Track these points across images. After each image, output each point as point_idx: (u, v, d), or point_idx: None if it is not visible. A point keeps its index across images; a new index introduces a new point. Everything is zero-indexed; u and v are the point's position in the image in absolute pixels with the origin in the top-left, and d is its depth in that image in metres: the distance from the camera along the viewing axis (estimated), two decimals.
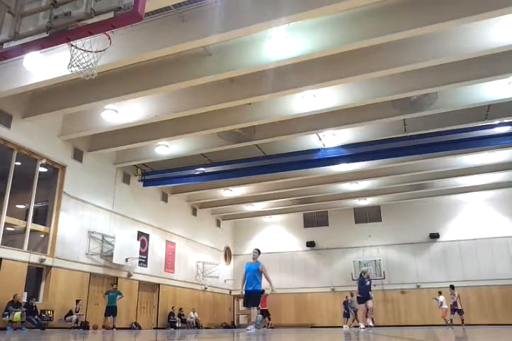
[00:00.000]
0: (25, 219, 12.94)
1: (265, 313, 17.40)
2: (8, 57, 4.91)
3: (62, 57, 8.22)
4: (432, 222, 21.87)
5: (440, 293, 17.41)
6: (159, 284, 18.13)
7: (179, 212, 20.61)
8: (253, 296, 8.91)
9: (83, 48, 6.01)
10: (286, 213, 23.96)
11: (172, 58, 10.23)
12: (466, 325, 16.75)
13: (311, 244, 23.68)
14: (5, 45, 4.61)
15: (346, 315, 17.86)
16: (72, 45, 5.96)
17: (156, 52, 9.43)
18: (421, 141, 14.22)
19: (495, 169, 17.68)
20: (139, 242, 16.93)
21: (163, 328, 17.36)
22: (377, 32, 8.77)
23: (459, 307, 16.60)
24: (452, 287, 17.05)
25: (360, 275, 13.28)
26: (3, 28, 4.57)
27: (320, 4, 8.00)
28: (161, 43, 9.19)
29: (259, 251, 9.43)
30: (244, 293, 9.04)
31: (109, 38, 5.92)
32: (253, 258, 9.31)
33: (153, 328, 17.25)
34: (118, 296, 14.45)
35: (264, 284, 9.19)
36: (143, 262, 17.27)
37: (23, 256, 12.22)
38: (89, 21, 4.27)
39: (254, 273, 9.02)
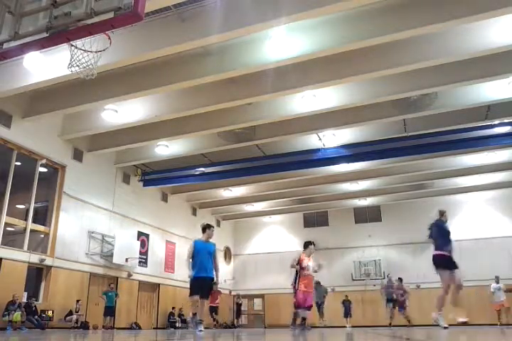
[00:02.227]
0: (25, 219, 12.94)
1: (215, 310, 17.11)
2: (8, 57, 4.92)
3: (62, 57, 8.21)
4: (432, 222, 21.81)
5: (497, 277, 16.22)
6: (159, 284, 18.12)
7: (179, 212, 20.61)
8: (206, 285, 7.23)
9: (83, 48, 6.00)
10: (286, 213, 23.95)
11: (172, 58, 10.23)
12: (413, 325, 14.96)
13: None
14: (5, 45, 4.61)
15: (347, 315, 17.80)
16: (72, 45, 5.95)
17: (156, 52, 9.43)
18: (421, 141, 14.23)
19: (495, 169, 17.67)
20: (139, 242, 16.92)
21: (163, 328, 17.35)
22: (377, 32, 8.77)
23: (406, 304, 14.74)
24: (401, 279, 15.37)
25: (436, 221, 7.69)
26: (3, 28, 4.57)
27: (320, 4, 8.00)
28: (161, 43, 9.19)
29: None
30: (193, 278, 7.18)
31: (109, 38, 5.91)
32: (209, 237, 7.52)
33: (153, 328, 17.24)
34: (115, 297, 14.48)
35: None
36: (143, 262, 17.27)
37: (23, 256, 12.22)
38: (89, 21, 4.27)
39: (209, 255, 7.38)
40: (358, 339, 4.62)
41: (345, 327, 15.42)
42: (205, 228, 7.57)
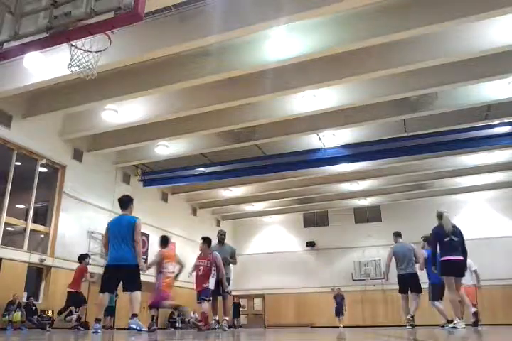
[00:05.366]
0: (25, 219, 12.94)
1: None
2: (8, 57, 4.93)
3: (62, 57, 8.19)
4: (432, 222, 21.43)
5: None
6: None
7: (179, 212, 20.60)
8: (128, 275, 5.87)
9: (83, 48, 6.00)
10: (286, 213, 23.95)
11: (172, 58, 10.22)
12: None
13: (311, 244, 23.66)
14: (5, 45, 4.61)
15: (338, 313, 17.20)
16: (72, 45, 5.94)
17: (156, 52, 9.44)
18: (421, 141, 14.21)
19: (495, 169, 17.68)
20: None
21: (164, 328, 17.34)
22: (377, 32, 8.77)
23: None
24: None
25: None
26: (3, 28, 4.57)
27: (320, 4, 8.01)
28: (160, 43, 9.20)
29: None
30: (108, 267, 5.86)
31: (109, 38, 5.91)
32: (124, 208, 6.06)
33: None
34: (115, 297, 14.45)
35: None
36: (143, 262, 17.21)
37: (23, 256, 12.21)
38: (89, 21, 4.28)
39: (125, 233, 5.80)
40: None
41: (337, 327, 15.11)
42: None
